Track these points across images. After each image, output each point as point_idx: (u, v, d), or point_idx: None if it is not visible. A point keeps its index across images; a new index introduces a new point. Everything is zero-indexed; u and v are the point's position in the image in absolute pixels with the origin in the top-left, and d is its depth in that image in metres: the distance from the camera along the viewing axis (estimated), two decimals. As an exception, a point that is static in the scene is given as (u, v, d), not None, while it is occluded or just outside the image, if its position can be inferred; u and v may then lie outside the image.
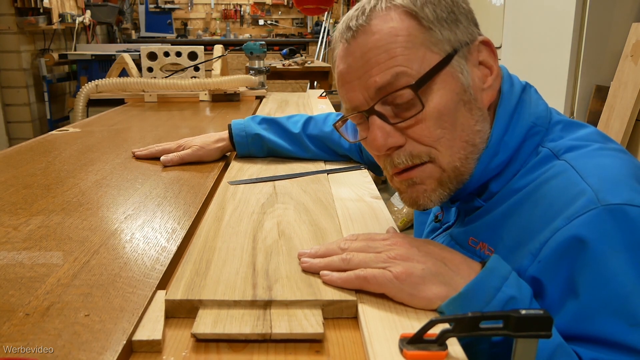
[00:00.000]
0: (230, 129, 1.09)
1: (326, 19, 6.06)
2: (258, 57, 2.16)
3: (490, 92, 0.65)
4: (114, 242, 0.68)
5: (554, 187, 0.60)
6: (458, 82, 0.62)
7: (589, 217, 0.55)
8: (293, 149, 1.08)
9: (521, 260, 0.59)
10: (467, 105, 0.63)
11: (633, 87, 1.84)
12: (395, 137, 0.62)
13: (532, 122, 0.66)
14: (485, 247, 0.65)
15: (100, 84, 1.91)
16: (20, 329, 0.47)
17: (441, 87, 0.61)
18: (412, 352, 0.44)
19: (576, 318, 0.54)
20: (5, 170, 1.01)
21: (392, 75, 0.60)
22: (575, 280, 0.55)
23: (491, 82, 0.65)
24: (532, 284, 0.57)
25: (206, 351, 0.47)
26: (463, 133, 0.63)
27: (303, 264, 0.59)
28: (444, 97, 0.61)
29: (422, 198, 0.65)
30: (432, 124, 0.61)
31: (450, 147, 0.62)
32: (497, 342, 0.55)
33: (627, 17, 1.97)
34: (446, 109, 0.61)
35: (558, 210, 0.58)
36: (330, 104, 1.91)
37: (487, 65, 0.66)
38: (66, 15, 4.13)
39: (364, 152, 1.06)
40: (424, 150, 0.62)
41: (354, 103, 0.65)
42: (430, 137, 0.62)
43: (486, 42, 0.66)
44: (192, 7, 6.86)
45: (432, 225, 0.81)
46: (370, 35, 0.62)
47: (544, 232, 0.58)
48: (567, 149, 0.63)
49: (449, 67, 0.62)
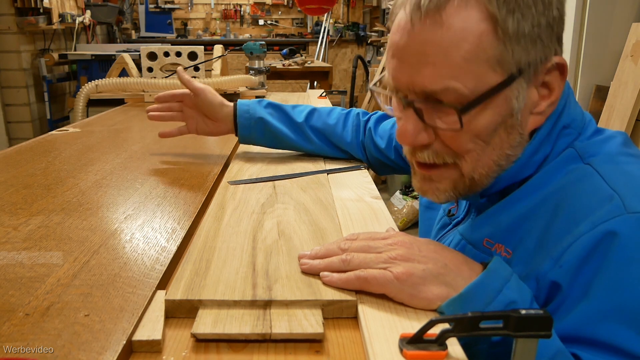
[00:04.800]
0: (236, 109, 1.06)
1: (326, 19, 6.06)
2: (258, 57, 2.16)
3: (540, 118, 0.61)
4: (114, 242, 0.68)
5: (579, 191, 0.59)
6: (509, 107, 0.58)
7: (615, 223, 0.54)
8: (295, 137, 1.06)
9: (541, 264, 0.58)
10: (508, 130, 0.60)
11: (633, 87, 1.84)
12: (424, 135, 0.61)
13: (567, 122, 0.63)
14: (502, 249, 0.63)
15: (100, 84, 1.91)
16: (20, 329, 0.47)
17: (489, 109, 0.57)
18: (412, 352, 0.44)
19: (586, 320, 0.54)
20: (5, 170, 1.01)
21: (442, 87, 0.56)
22: (592, 283, 0.54)
23: (544, 107, 0.60)
24: (550, 288, 0.56)
25: (206, 351, 0.47)
26: (493, 152, 0.60)
27: (303, 266, 0.59)
28: (486, 119, 0.58)
29: (430, 194, 0.65)
30: (466, 138, 0.59)
31: (477, 160, 0.60)
32: (497, 342, 0.54)
33: (627, 17, 1.97)
34: (486, 130, 0.58)
35: (583, 215, 0.56)
36: (330, 104, 1.90)
37: (550, 88, 0.60)
38: (66, 15, 4.13)
39: (367, 148, 1.05)
40: (450, 153, 0.61)
41: (397, 84, 0.61)
42: (460, 148, 0.60)
43: (561, 65, 0.59)
44: (192, 7, 6.86)
45: (443, 220, 0.80)
46: (438, 28, 0.55)
47: (566, 237, 0.56)
48: (593, 153, 0.61)
49: (507, 89, 0.57)
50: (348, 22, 7.07)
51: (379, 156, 1.04)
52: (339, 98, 2.22)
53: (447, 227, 0.78)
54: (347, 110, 1.10)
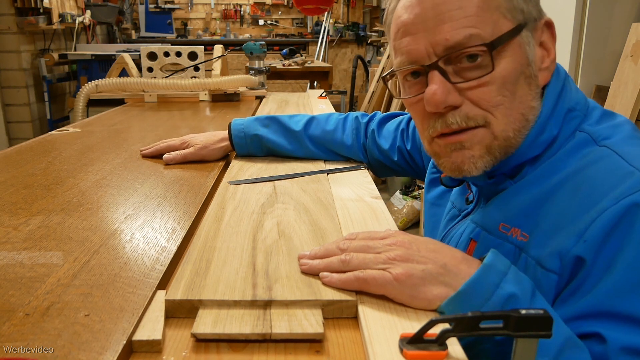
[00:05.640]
0: (230, 129, 1.09)
1: (326, 19, 6.06)
2: (258, 57, 2.17)
3: (546, 73, 0.65)
4: (114, 242, 0.68)
5: (598, 170, 0.60)
6: (524, 55, 0.62)
7: (639, 195, 0.55)
8: (292, 147, 1.08)
9: (563, 242, 0.58)
10: (528, 80, 0.63)
11: (633, 87, 1.85)
12: (454, 95, 0.61)
13: (571, 105, 0.66)
14: (518, 233, 0.64)
15: (100, 84, 1.91)
16: (20, 329, 0.48)
17: (510, 55, 0.61)
18: (412, 352, 0.44)
19: (609, 294, 0.54)
20: (5, 170, 1.01)
21: (464, 36, 0.59)
22: (616, 257, 0.54)
23: (548, 63, 0.65)
24: (574, 264, 0.57)
25: (206, 351, 0.47)
26: (520, 105, 0.62)
27: (302, 266, 0.59)
28: (510, 64, 0.61)
29: (467, 163, 0.64)
30: (494, 89, 0.61)
31: (507, 115, 0.62)
32: (501, 341, 0.54)
33: (627, 17, 1.97)
34: (511, 76, 0.61)
35: (604, 192, 0.57)
36: (330, 104, 1.91)
37: (546, 47, 0.66)
38: (66, 15, 4.13)
39: (369, 150, 1.06)
40: (481, 113, 0.62)
41: (414, 56, 0.63)
42: (490, 102, 0.61)
43: (550, 23, 0.66)
44: (192, 7, 6.86)
45: (451, 212, 0.80)
46: None
47: (589, 213, 0.57)
48: (605, 136, 0.63)
49: (519, 37, 0.62)
50: (348, 22, 7.08)
51: (381, 158, 1.04)
52: (339, 98, 2.22)
53: (457, 218, 0.78)
54: (344, 114, 1.11)
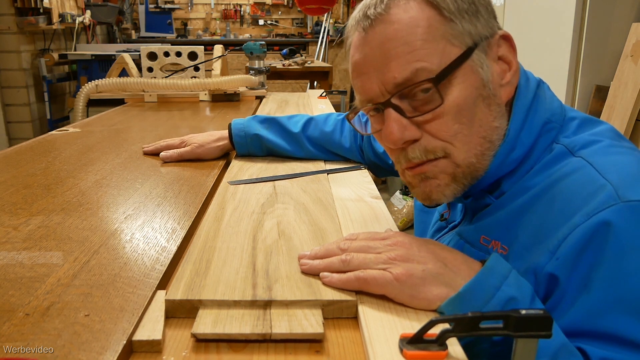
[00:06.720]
0: (230, 129, 1.10)
1: (326, 19, 6.06)
2: (258, 57, 2.17)
3: (509, 88, 0.64)
4: (114, 242, 0.68)
5: (572, 183, 0.60)
6: (478, 77, 0.61)
7: (610, 212, 0.54)
8: (291, 148, 1.09)
9: (538, 258, 0.58)
10: (486, 101, 0.62)
11: (633, 87, 1.85)
12: (411, 130, 0.61)
13: (546, 118, 0.65)
14: (498, 245, 0.64)
15: (100, 84, 1.91)
16: (20, 329, 0.47)
17: (461, 82, 0.60)
18: (412, 352, 0.44)
19: (588, 313, 0.54)
20: (5, 170, 1.01)
21: (411, 72, 0.59)
22: (591, 276, 0.54)
23: (510, 78, 0.64)
24: (548, 282, 0.57)
25: (206, 351, 0.47)
26: (481, 129, 0.62)
27: (302, 266, 0.59)
28: (463, 92, 0.60)
29: (435, 193, 0.64)
30: (450, 119, 0.60)
31: (467, 142, 0.61)
32: (498, 341, 0.54)
33: (627, 17, 1.97)
34: (465, 104, 0.60)
35: (577, 207, 0.57)
36: (330, 104, 1.91)
37: (506, 61, 0.65)
38: (66, 15, 4.13)
39: (365, 152, 1.06)
40: (440, 145, 0.61)
41: (370, 95, 0.64)
42: (447, 132, 0.61)
43: (506, 36, 0.65)
44: (192, 7, 6.85)
45: (437, 224, 0.81)
46: (389, 25, 0.60)
47: (562, 229, 0.57)
48: (582, 146, 0.63)
49: (470, 61, 0.60)
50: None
51: (376, 160, 1.05)
52: (338, 98, 2.22)
53: (443, 230, 0.78)
54: (343, 114, 1.11)
